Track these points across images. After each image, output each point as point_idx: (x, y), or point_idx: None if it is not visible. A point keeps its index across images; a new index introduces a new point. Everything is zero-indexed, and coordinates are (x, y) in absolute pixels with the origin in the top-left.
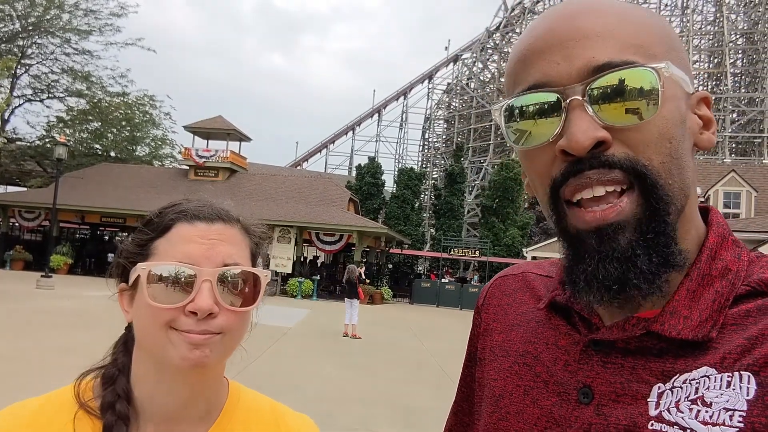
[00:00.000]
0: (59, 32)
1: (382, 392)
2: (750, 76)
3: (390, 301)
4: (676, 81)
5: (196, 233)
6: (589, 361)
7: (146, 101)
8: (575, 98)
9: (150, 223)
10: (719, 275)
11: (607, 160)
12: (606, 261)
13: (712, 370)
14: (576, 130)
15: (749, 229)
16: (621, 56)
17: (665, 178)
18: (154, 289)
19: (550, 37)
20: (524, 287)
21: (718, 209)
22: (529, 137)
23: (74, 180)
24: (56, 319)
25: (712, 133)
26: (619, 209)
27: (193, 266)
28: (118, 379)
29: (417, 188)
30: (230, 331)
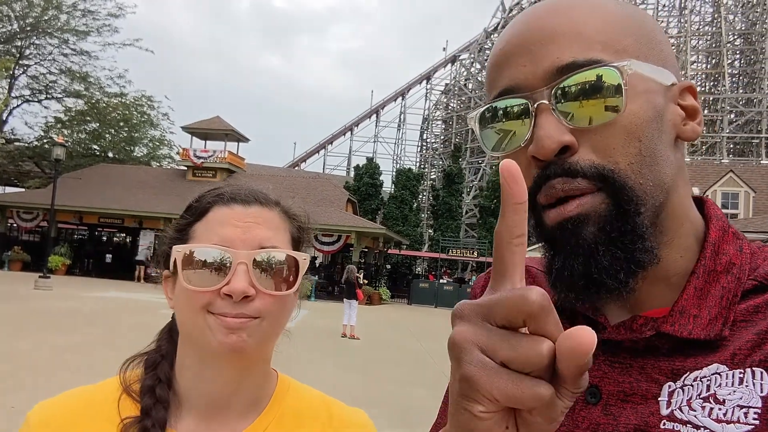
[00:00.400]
0: (57, 33)
1: (380, 393)
2: (748, 77)
3: (388, 301)
4: (646, 76)
5: (232, 216)
6: (596, 360)
7: (144, 102)
8: (542, 102)
9: (190, 208)
10: (724, 270)
11: (570, 167)
12: (571, 257)
13: (723, 367)
14: (542, 134)
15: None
16: (586, 55)
17: (634, 178)
18: (190, 273)
19: (518, 41)
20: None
21: (713, 200)
22: (502, 143)
23: (72, 181)
24: (54, 320)
25: (698, 123)
26: (577, 203)
27: (228, 248)
28: (160, 365)
29: (415, 189)
30: (268, 316)
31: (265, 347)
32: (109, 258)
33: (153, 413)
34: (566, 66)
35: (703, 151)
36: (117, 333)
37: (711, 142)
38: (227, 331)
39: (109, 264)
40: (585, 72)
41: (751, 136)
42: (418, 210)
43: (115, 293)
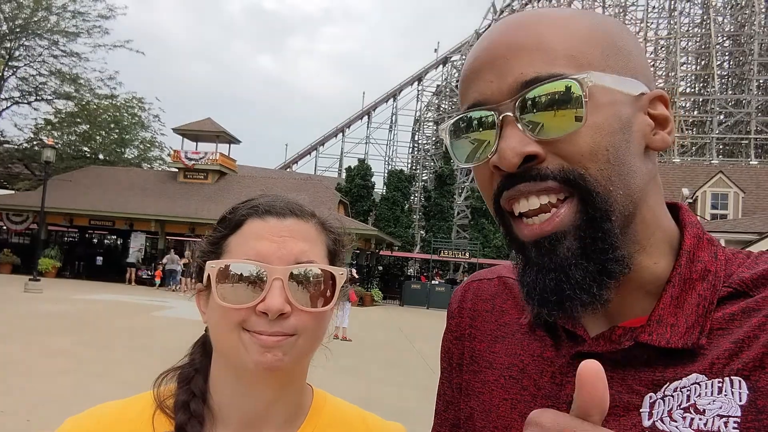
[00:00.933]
0: (47, 34)
1: (372, 394)
2: (737, 78)
3: (380, 303)
4: (609, 88)
5: (267, 229)
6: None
7: (135, 103)
8: (506, 114)
9: (223, 220)
10: (700, 278)
11: (539, 172)
12: (543, 272)
13: (702, 377)
14: (505, 146)
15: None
16: (549, 69)
17: (604, 185)
18: (224, 289)
19: (485, 56)
20: (503, 292)
21: (686, 206)
22: (470, 155)
23: (62, 183)
24: (44, 323)
25: (668, 132)
26: (557, 222)
27: (263, 264)
28: (194, 379)
29: (407, 190)
30: (305, 332)
31: (302, 364)
32: (100, 260)
33: (188, 429)
34: (529, 81)
35: (693, 152)
36: (108, 336)
37: (701, 143)
38: (263, 349)
39: (99, 266)
40: (546, 85)
41: (741, 137)
42: (410, 211)
43: (106, 296)
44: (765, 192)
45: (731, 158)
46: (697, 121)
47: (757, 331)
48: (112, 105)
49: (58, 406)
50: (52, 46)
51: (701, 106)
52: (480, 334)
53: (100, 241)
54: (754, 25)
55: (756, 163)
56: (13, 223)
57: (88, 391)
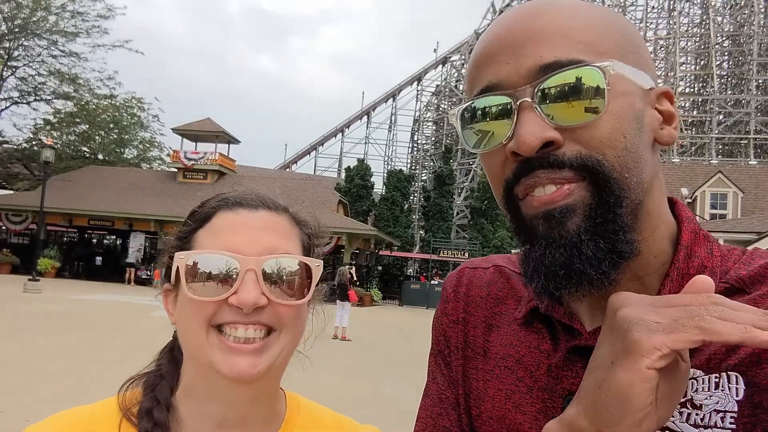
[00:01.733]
0: (46, 34)
1: (372, 394)
2: (736, 78)
3: (380, 303)
4: (627, 78)
5: (239, 221)
6: (573, 367)
7: (134, 103)
8: (525, 100)
9: (192, 214)
10: (696, 273)
11: (557, 159)
12: (553, 247)
13: (699, 372)
14: (524, 131)
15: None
16: (568, 55)
17: (620, 171)
18: (194, 282)
19: (501, 39)
20: (498, 280)
21: (682, 201)
22: (484, 140)
23: (62, 183)
24: (43, 323)
25: (674, 128)
26: (567, 192)
27: (236, 255)
28: (159, 386)
29: (406, 190)
30: (281, 328)
31: (281, 365)
32: (99, 260)
33: None
34: (549, 65)
35: (692, 152)
36: (107, 336)
37: (700, 143)
38: (235, 355)
39: (99, 266)
40: (568, 72)
41: (740, 137)
42: (409, 211)
43: (105, 296)
44: (764, 192)
45: (730, 158)
46: (696, 121)
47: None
48: (111, 105)
49: (57, 406)
50: (51, 46)
51: (700, 106)
52: (473, 320)
53: (100, 241)
54: (753, 25)
55: (755, 163)
56: (12, 223)
57: (87, 392)
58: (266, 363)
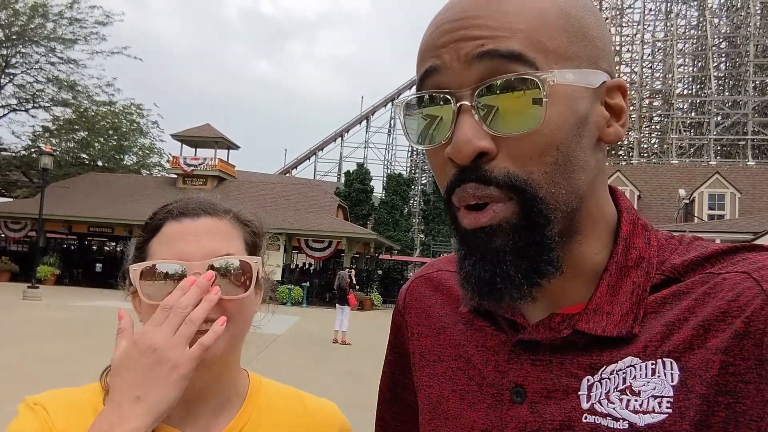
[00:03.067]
0: (44, 41)
1: (371, 399)
2: (733, 79)
3: (380, 307)
4: (570, 84)
5: (182, 229)
6: (518, 359)
7: (133, 110)
8: (464, 103)
9: (145, 226)
10: (634, 265)
11: (484, 175)
12: (480, 264)
13: (636, 360)
14: (461, 138)
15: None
16: (509, 45)
17: (547, 188)
18: (149, 288)
19: (445, 26)
20: (441, 285)
21: (621, 190)
22: (424, 137)
23: (61, 190)
24: (43, 330)
25: (622, 125)
26: (492, 214)
27: (181, 261)
28: None
29: (406, 194)
30: (231, 319)
31: (232, 350)
32: (99, 267)
33: None
34: (486, 52)
35: (690, 153)
36: (108, 343)
37: (698, 144)
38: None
39: (98, 273)
40: (508, 79)
41: (738, 138)
42: (409, 215)
43: (105, 303)
44: (761, 192)
45: (728, 159)
46: (694, 122)
47: (687, 313)
48: (110, 111)
49: None
50: (50, 53)
51: (698, 108)
52: (425, 330)
53: (99, 248)
54: (749, 26)
55: (753, 164)
56: (11, 230)
57: None
58: (216, 350)
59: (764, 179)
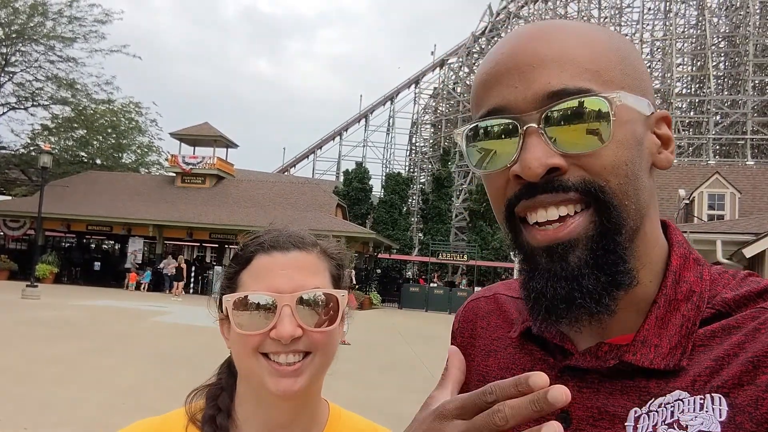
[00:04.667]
0: (43, 40)
1: (371, 399)
2: (732, 79)
3: (379, 306)
4: (631, 107)
5: (274, 263)
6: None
7: (132, 108)
8: (531, 125)
9: (236, 257)
10: (684, 298)
11: (561, 184)
12: (554, 280)
13: (684, 394)
14: (529, 156)
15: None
16: (576, 83)
17: (621, 199)
18: (240, 318)
19: (509, 62)
20: (497, 309)
21: (674, 224)
22: (488, 161)
23: (60, 188)
24: (42, 330)
25: (671, 152)
26: (571, 228)
27: (273, 294)
28: (221, 396)
29: (404, 193)
30: (317, 351)
31: (317, 381)
32: (98, 266)
33: None
34: (557, 92)
35: (689, 152)
36: (106, 342)
37: (697, 144)
38: (279, 376)
39: (97, 272)
40: (575, 99)
41: (737, 137)
42: (408, 214)
43: (104, 301)
44: (761, 192)
45: (728, 159)
46: (693, 121)
47: (737, 348)
48: (109, 110)
49: (56, 414)
50: (49, 51)
51: (697, 107)
52: (475, 351)
53: (98, 247)
54: (748, 26)
55: (752, 164)
56: (10, 229)
57: (87, 400)
58: (304, 381)
59: (764, 179)
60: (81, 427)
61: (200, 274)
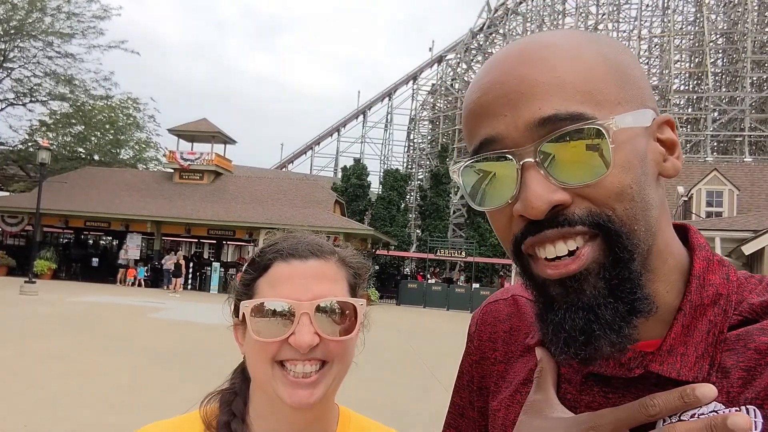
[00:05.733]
0: (41, 35)
1: (369, 395)
2: (730, 76)
3: (377, 302)
4: (629, 126)
5: (292, 271)
6: (590, 391)
7: (130, 104)
8: (527, 161)
9: (253, 263)
10: (711, 303)
11: (567, 218)
12: (572, 311)
13: (720, 405)
14: (531, 195)
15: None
16: (567, 107)
17: (629, 225)
18: (258, 324)
19: (497, 89)
20: (517, 312)
21: (695, 228)
22: (487, 198)
23: (58, 184)
24: (40, 326)
25: (677, 158)
26: (582, 260)
27: (291, 301)
28: (234, 401)
29: (403, 189)
30: (334, 359)
31: (334, 389)
32: (96, 262)
33: None
34: (547, 118)
35: (687, 149)
36: (105, 338)
37: (695, 141)
38: (294, 387)
39: (95, 268)
40: (570, 130)
41: (735, 134)
42: (406, 210)
43: (102, 297)
44: (759, 189)
45: (725, 155)
46: (691, 118)
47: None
48: (107, 106)
49: (55, 411)
50: (47, 47)
51: (695, 104)
52: (502, 356)
53: (96, 243)
54: (747, 22)
55: (750, 160)
56: (8, 224)
57: (86, 396)
58: (321, 392)
59: (762, 176)
60: (79, 424)
61: (198, 271)
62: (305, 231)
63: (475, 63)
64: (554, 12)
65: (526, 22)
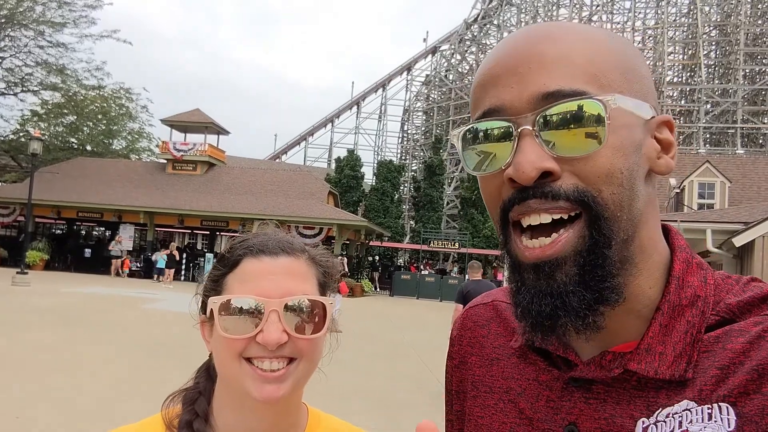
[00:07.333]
0: (33, 25)
1: (362, 386)
2: (723, 68)
3: (370, 293)
4: (628, 111)
5: (262, 267)
6: (571, 397)
7: (122, 94)
8: (525, 128)
9: (222, 259)
10: (689, 304)
11: (552, 190)
12: (539, 296)
13: (692, 404)
14: (522, 159)
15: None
16: (572, 84)
17: (613, 210)
18: (226, 321)
19: (507, 62)
20: (496, 317)
21: (677, 229)
22: (483, 164)
23: (50, 175)
24: (33, 317)
25: (671, 157)
26: (559, 247)
27: (260, 298)
28: (198, 401)
29: (396, 181)
30: (302, 358)
31: (301, 386)
32: (88, 252)
33: None
34: (552, 93)
35: (680, 141)
36: (98, 330)
37: (688, 133)
38: (262, 382)
39: (88, 259)
40: (570, 102)
41: (727, 126)
42: (400, 202)
43: (94, 288)
44: (751, 181)
45: (718, 147)
46: (684, 110)
47: (742, 356)
48: (99, 96)
49: (47, 403)
50: (38, 36)
51: (688, 96)
52: (479, 360)
53: (89, 234)
54: (740, 15)
55: (742, 153)
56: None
57: (78, 388)
58: (289, 386)
59: (754, 168)
60: (72, 415)
61: (191, 262)
62: (276, 228)
63: (469, 54)
64: (548, 3)
65: (520, 13)
